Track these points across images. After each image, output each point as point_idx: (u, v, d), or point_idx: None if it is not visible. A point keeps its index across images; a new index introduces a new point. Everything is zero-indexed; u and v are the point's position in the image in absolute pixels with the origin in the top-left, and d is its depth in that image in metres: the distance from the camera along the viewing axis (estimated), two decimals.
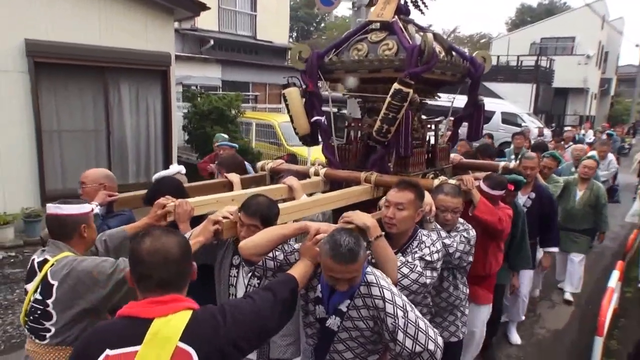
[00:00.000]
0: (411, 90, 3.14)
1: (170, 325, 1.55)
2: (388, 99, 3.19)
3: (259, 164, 3.94)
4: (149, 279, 1.61)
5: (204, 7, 8.96)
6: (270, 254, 2.34)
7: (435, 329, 2.22)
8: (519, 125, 17.13)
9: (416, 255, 2.55)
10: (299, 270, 2.18)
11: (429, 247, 2.60)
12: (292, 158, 4.47)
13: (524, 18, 39.71)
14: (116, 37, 7.72)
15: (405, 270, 2.47)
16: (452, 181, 3.28)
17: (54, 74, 7.27)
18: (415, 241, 2.66)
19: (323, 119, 3.63)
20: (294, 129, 3.73)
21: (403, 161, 3.50)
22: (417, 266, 2.49)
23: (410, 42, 3.37)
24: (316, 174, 3.63)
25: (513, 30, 35.95)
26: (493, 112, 18.26)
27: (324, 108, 3.70)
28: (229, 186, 3.47)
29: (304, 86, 3.65)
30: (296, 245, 2.40)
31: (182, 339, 1.53)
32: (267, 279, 2.45)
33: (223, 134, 6.53)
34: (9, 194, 7.07)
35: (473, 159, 4.76)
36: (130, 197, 3.17)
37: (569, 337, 5.23)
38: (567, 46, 29.42)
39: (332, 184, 3.61)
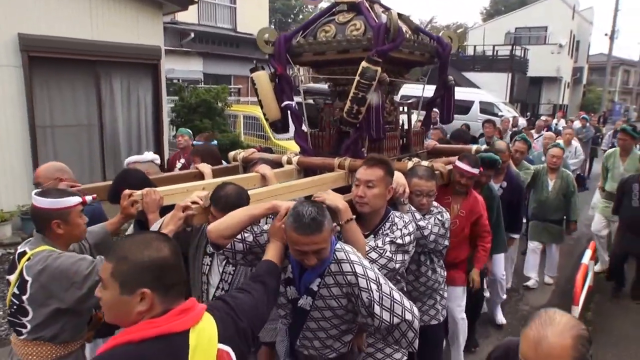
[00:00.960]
0: (379, 69, 3.02)
1: (205, 332, 1.45)
2: (357, 78, 3.06)
3: (231, 154, 3.77)
4: (179, 285, 1.46)
5: (192, 1, 8.86)
6: (239, 236, 2.21)
7: (410, 301, 2.14)
8: (496, 115, 17.10)
9: (387, 239, 2.43)
10: (273, 254, 2.08)
11: (400, 230, 2.48)
12: (267, 149, 4.30)
13: (498, 8, 39.48)
14: (108, 32, 7.57)
15: (373, 255, 2.36)
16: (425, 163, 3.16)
17: (48, 69, 7.07)
18: (387, 222, 2.54)
19: (294, 103, 3.49)
20: (264, 114, 3.58)
21: (376, 145, 3.38)
22: (386, 251, 2.38)
23: (377, 22, 3.24)
24: (289, 162, 3.48)
25: (488, 20, 35.92)
26: (472, 102, 18.15)
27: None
28: (200, 177, 3.31)
29: (272, 70, 3.51)
30: (265, 227, 2.27)
31: (219, 341, 1.48)
32: (237, 262, 2.33)
33: (187, 129, 6.07)
34: (4, 191, 6.86)
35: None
36: (95, 187, 3.00)
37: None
38: (540, 36, 29.47)
39: (306, 171, 3.47)
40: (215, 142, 5.28)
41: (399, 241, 2.43)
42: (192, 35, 14.86)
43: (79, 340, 2.38)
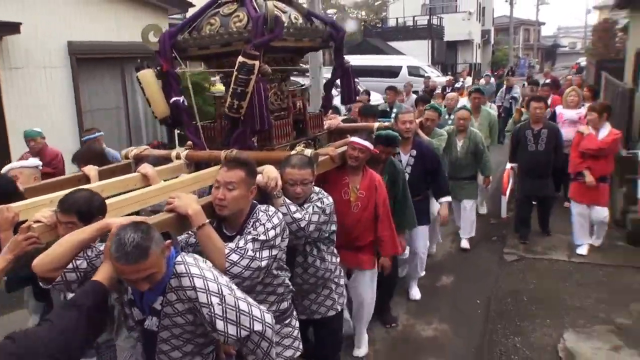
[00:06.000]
0: (256, 62, 2.46)
1: None
2: (235, 72, 2.52)
3: (123, 152, 3.14)
4: None
5: (190, 4, 8.86)
6: (71, 265, 1.70)
7: (261, 307, 1.74)
8: (423, 76, 16.99)
9: (249, 237, 1.99)
10: (102, 273, 1.62)
11: (264, 225, 2.04)
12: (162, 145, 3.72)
13: None
14: (128, 33, 7.84)
15: (234, 257, 1.92)
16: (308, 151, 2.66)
17: (88, 66, 7.60)
18: (251, 219, 2.09)
19: (181, 99, 2.92)
20: (152, 112, 3.00)
21: (267, 134, 2.86)
22: (247, 250, 1.95)
23: (258, 12, 2.68)
24: (178, 157, 2.92)
25: None
26: (400, 67, 18.30)
27: None
28: (86, 181, 2.71)
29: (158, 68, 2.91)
30: (102, 247, 1.77)
31: None
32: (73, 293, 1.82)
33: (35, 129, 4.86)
34: None
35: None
36: None
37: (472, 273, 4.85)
38: (452, 5, 29.34)
39: (198, 166, 2.93)
40: (100, 133, 4.57)
41: (262, 237, 2.00)
42: None
43: None
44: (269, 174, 2.31)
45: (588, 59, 22.71)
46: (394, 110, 6.57)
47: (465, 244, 5.39)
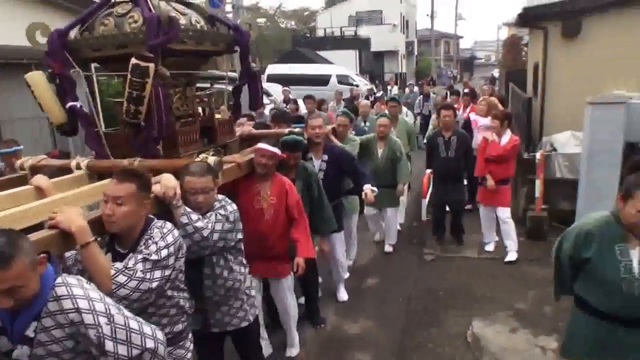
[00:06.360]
0: (151, 64, 2.39)
1: None
2: (129, 76, 2.42)
3: (18, 162, 2.88)
4: None
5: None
6: None
7: (152, 325, 1.65)
8: (351, 84, 17.45)
9: (139, 257, 1.88)
10: None
11: (156, 243, 1.93)
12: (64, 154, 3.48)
13: None
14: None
15: (121, 278, 1.80)
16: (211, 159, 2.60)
17: (4, 73, 6.92)
18: (145, 236, 1.98)
19: (78, 104, 2.75)
20: (48, 119, 2.81)
21: (172, 142, 2.77)
22: (137, 271, 1.83)
23: (153, 12, 2.60)
24: (78, 167, 2.75)
25: (330, 4, 35.79)
26: (330, 76, 18.67)
27: None
28: None
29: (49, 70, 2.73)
30: None
31: None
32: None
33: None
34: None
35: None
36: None
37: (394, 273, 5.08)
38: (377, 17, 30.43)
39: (101, 177, 2.77)
40: (19, 147, 4.11)
41: (154, 257, 1.89)
42: None
43: None
44: (166, 182, 2.23)
45: (500, 71, 24.45)
46: None
47: (388, 248, 5.57)
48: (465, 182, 6.05)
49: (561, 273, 2.41)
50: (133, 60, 2.38)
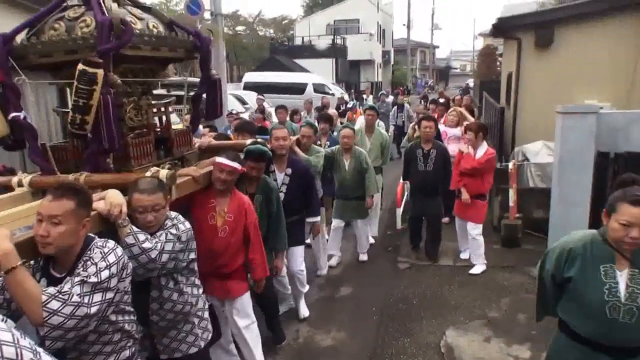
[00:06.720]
0: (99, 71, 2.21)
1: None
2: (75, 82, 2.24)
3: None
4: None
5: None
6: None
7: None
8: (327, 93, 17.40)
9: (76, 279, 1.70)
10: None
11: (96, 264, 1.76)
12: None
13: (316, 1, 38.01)
14: None
15: (54, 304, 1.62)
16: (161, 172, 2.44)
17: None
18: (84, 258, 1.80)
19: (22, 114, 2.54)
20: None
21: (123, 154, 2.59)
22: (72, 295, 1.66)
23: (107, 16, 2.42)
24: (20, 184, 2.53)
25: (309, 12, 35.88)
26: (306, 84, 18.62)
27: None
28: None
29: None
30: None
31: None
32: None
33: None
34: None
35: None
36: None
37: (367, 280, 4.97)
38: (354, 26, 30.59)
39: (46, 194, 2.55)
40: None
41: (93, 279, 1.72)
42: None
43: None
44: (111, 199, 2.07)
45: (474, 80, 24.86)
46: None
47: (362, 257, 5.49)
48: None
49: (544, 293, 2.28)
50: (80, 66, 2.20)
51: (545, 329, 3.66)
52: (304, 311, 4.21)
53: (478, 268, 5.07)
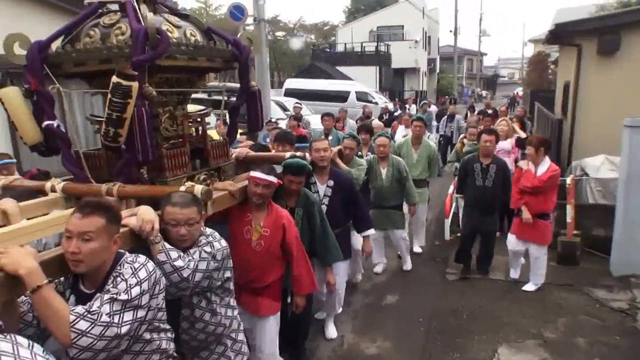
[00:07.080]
0: (134, 84, 2.10)
1: None
2: (109, 95, 2.15)
3: None
4: None
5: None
6: None
7: None
8: (371, 102, 17.17)
9: (106, 297, 1.61)
10: None
11: (126, 281, 1.67)
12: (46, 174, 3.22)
13: (358, 7, 37.48)
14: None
15: (83, 325, 1.53)
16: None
17: None
18: (114, 274, 1.71)
19: (55, 123, 2.49)
20: (21, 137, 2.56)
21: (158, 165, 2.50)
22: (101, 315, 1.57)
23: (143, 24, 2.33)
24: (53, 189, 2.50)
25: (351, 18, 35.45)
26: (349, 92, 18.52)
27: None
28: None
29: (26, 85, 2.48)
30: None
31: None
32: None
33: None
34: None
35: None
36: None
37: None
38: (399, 33, 30.06)
39: (79, 201, 2.51)
40: (11, 160, 3.78)
41: (123, 296, 1.63)
42: None
43: None
44: (143, 216, 1.98)
45: (524, 89, 23.86)
46: (330, 137, 6.24)
47: (405, 266, 5.36)
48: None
49: None
50: (114, 79, 2.10)
51: (608, 358, 3.50)
52: (332, 332, 3.97)
53: (532, 285, 4.75)
